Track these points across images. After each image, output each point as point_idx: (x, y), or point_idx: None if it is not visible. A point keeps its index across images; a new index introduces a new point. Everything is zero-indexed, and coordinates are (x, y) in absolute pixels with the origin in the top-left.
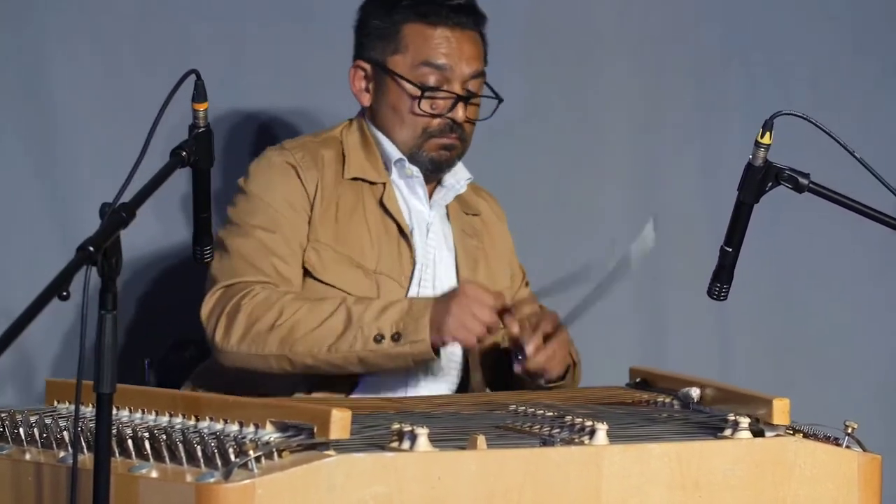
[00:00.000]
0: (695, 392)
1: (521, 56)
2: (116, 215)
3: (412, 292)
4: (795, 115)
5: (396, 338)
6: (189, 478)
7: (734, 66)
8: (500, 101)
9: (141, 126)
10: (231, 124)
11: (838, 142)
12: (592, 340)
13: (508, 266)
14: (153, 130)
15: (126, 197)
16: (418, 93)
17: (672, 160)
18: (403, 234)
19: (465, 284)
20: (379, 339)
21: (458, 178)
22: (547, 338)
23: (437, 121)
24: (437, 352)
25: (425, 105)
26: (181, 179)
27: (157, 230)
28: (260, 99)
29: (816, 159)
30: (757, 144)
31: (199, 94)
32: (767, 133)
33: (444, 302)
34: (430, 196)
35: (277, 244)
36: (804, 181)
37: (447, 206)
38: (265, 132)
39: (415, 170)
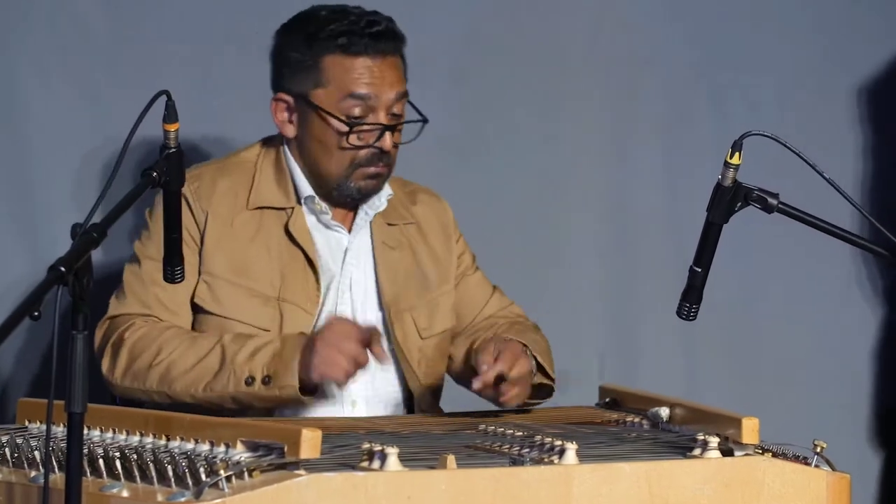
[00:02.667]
0: (664, 412)
1: (491, 78)
2: (87, 235)
3: (328, 315)
4: (765, 136)
5: (266, 381)
6: (160, 497)
7: (703, 88)
8: (425, 122)
9: (112, 147)
10: (201, 145)
11: (807, 162)
12: (562, 360)
13: (450, 267)
14: (124, 151)
15: (97, 217)
16: (346, 128)
17: (641, 180)
18: (310, 261)
19: (331, 320)
20: (250, 381)
21: (379, 195)
22: (502, 377)
23: (364, 151)
24: (313, 390)
25: (353, 138)
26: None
27: (127, 250)
28: (230, 120)
29: (784, 179)
30: (726, 165)
31: (170, 115)
32: (737, 154)
33: (312, 340)
34: (354, 218)
35: (160, 281)
36: (773, 201)
37: (370, 223)
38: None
39: (324, 206)
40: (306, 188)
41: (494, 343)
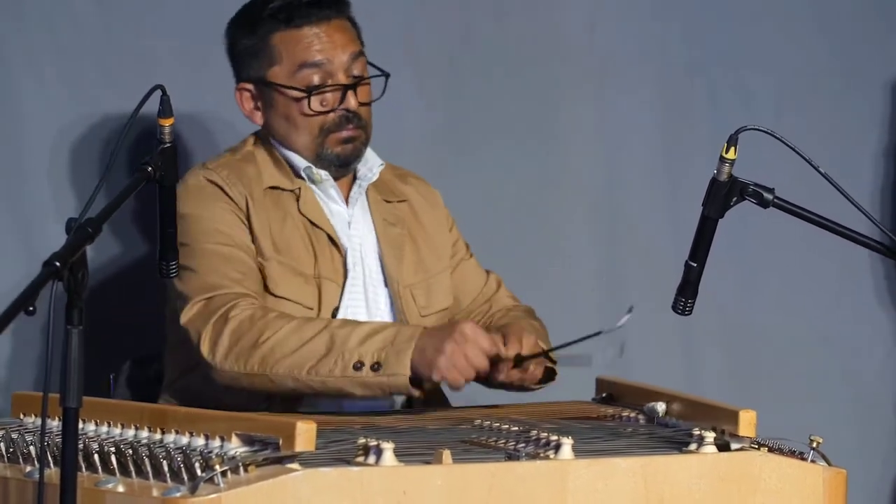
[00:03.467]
0: (660, 407)
1: (486, 74)
2: (82, 230)
3: (346, 290)
4: (760, 130)
5: (376, 368)
6: (155, 492)
7: (699, 83)
8: (388, 75)
9: (106, 141)
10: (195, 140)
11: (802, 156)
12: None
13: (444, 248)
14: (118, 146)
15: (92, 212)
16: (304, 94)
17: (637, 176)
18: (331, 237)
19: (464, 324)
20: (358, 366)
21: (369, 167)
22: (520, 360)
23: (331, 115)
24: (418, 384)
25: (315, 103)
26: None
27: (121, 245)
28: (224, 115)
29: (780, 174)
30: (721, 159)
31: (165, 110)
32: (732, 148)
33: (437, 337)
34: (349, 191)
35: (239, 258)
36: (769, 196)
37: (367, 198)
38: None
39: (322, 174)
40: (301, 162)
41: (494, 332)
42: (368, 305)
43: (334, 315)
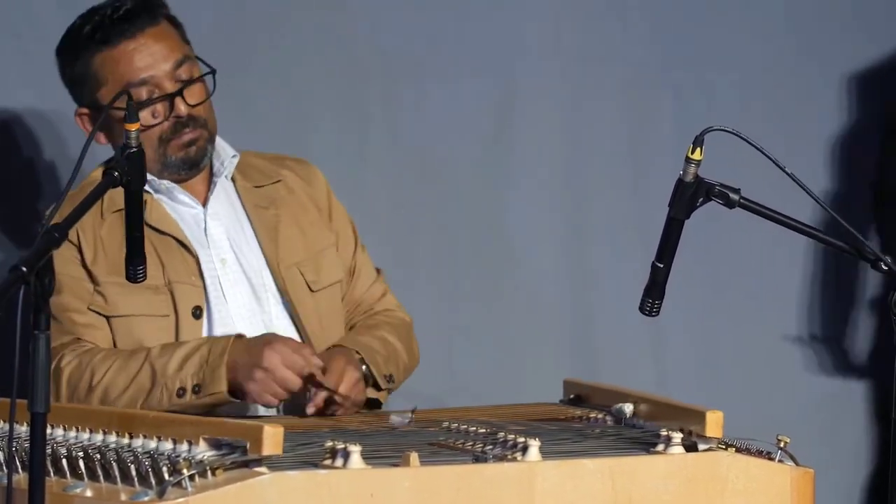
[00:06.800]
0: (628, 408)
1: (447, 75)
2: (49, 235)
3: (213, 286)
4: (725, 131)
5: (196, 390)
6: (123, 497)
7: (664, 83)
8: (214, 71)
9: (72, 147)
10: None
11: (768, 157)
12: (525, 355)
13: (325, 223)
14: (85, 151)
15: (58, 217)
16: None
17: (603, 177)
18: (179, 240)
19: (275, 343)
20: (181, 393)
21: (222, 160)
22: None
23: (165, 125)
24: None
25: (146, 117)
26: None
27: None
28: None
29: (747, 174)
30: (687, 160)
31: (131, 115)
32: (698, 149)
33: (249, 358)
34: (209, 190)
35: (68, 300)
36: (735, 197)
37: (237, 190)
38: None
39: (165, 183)
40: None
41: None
42: (256, 292)
43: (197, 314)
